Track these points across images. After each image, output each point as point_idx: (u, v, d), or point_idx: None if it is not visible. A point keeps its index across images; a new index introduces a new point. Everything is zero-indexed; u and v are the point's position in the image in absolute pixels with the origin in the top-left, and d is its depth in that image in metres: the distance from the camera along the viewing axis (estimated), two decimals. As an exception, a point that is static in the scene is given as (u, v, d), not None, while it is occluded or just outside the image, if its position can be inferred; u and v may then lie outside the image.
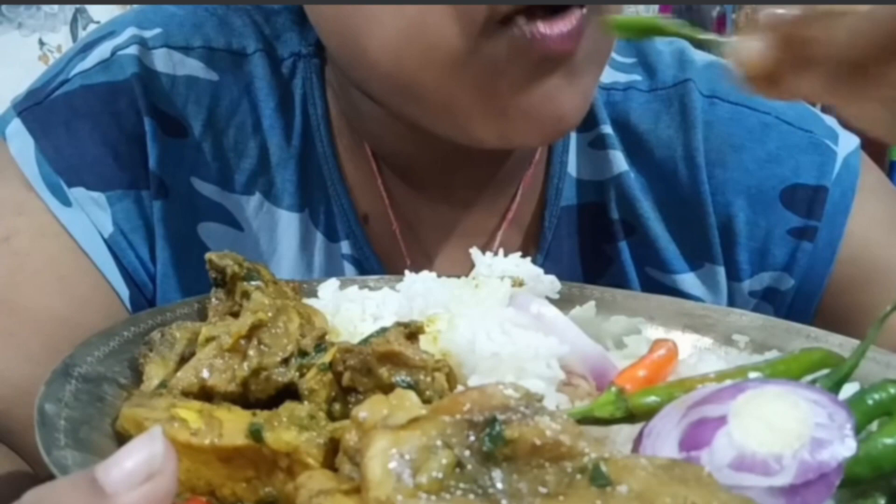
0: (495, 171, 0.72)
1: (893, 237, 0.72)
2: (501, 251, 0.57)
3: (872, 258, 0.72)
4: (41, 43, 2.65)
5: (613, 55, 0.77)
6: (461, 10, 0.53)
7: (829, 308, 0.73)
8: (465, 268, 0.72)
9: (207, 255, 0.50)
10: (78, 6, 2.62)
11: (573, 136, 0.74)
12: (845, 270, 0.72)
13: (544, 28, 0.53)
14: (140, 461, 0.28)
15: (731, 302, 0.74)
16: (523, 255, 0.56)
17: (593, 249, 0.75)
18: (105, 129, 0.66)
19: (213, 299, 0.50)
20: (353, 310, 0.50)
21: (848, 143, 0.73)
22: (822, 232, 0.71)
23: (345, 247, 0.71)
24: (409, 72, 0.57)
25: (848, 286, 0.72)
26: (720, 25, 3.88)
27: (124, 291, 0.66)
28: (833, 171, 0.71)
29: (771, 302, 0.74)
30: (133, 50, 0.66)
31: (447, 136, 0.61)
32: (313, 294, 0.53)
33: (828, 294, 0.73)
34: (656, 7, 4.04)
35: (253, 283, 0.47)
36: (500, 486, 0.29)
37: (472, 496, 0.28)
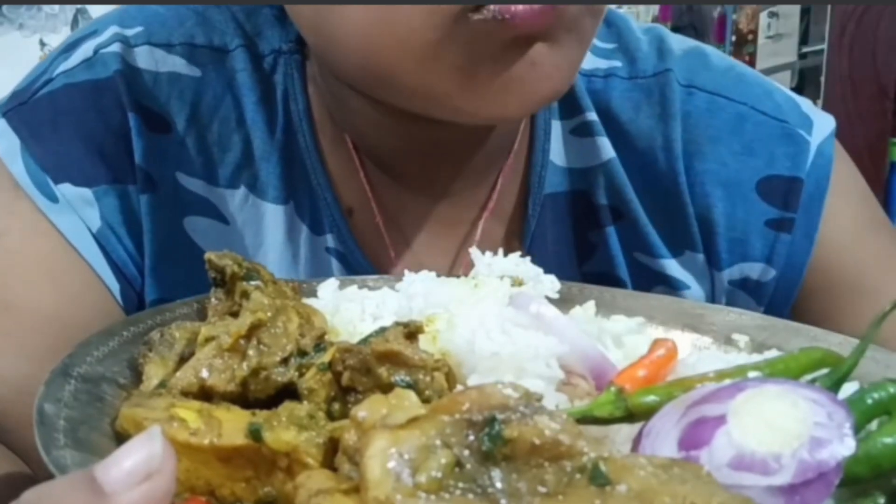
0: (475, 162, 0.72)
1: (860, 243, 0.74)
2: (501, 251, 0.57)
3: (841, 265, 0.73)
4: (42, 43, 2.65)
5: (595, 41, 0.78)
6: (430, 6, 0.54)
7: (801, 311, 0.74)
8: (448, 258, 0.72)
9: (207, 256, 0.50)
10: (79, 7, 2.63)
11: (555, 123, 0.75)
12: (815, 278, 0.73)
13: (514, 7, 0.53)
14: (139, 461, 0.28)
15: (712, 289, 0.75)
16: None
17: (578, 236, 0.75)
18: (90, 125, 0.66)
19: (213, 299, 0.50)
20: (353, 309, 0.50)
21: (822, 129, 0.74)
22: (798, 223, 0.72)
23: (329, 240, 0.72)
24: (384, 62, 0.58)
25: (817, 293, 0.73)
26: (720, 25, 3.88)
27: (115, 285, 0.66)
28: (807, 161, 0.72)
29: (751, 292, 0.75)
30: (115, 48, 0.67)
31: (428, 114, 0.61)
32: (313, 294, 0.54)
33: (801, 295, 0.74)
34: (656, 7, 4.05)
35: (252, 282, 0.47)
36: (499, 485, 0.29)
37: (471, 496, 0.28)
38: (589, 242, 0.75)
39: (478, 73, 0.56)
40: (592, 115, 0.74)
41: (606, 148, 0.73)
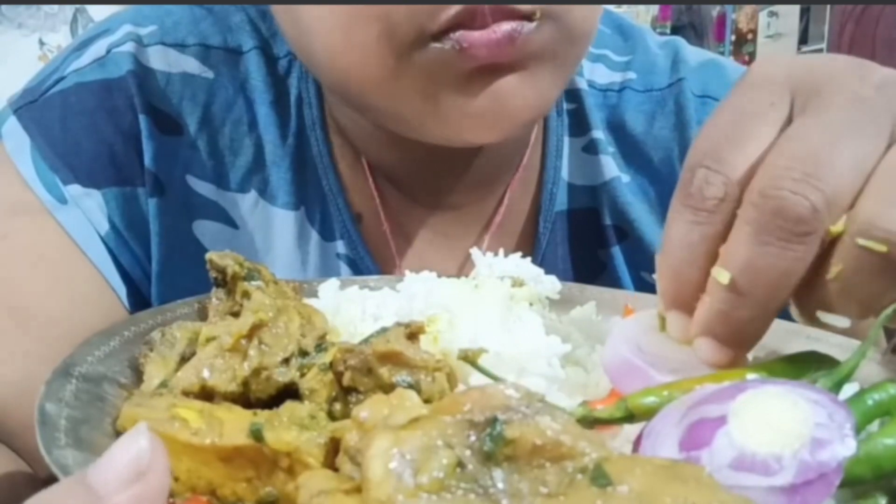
0: (480, 175, 0.72)
1: None
2: (502, 252, 0.57)
3: None
4: (41, 43, 2.65)
5: (608, 53, 0.77)
6: (387, 32, 0.54)
7: None
8: (453, 269, 0.72)
9: (208, 255, 0.50)
10: (78, 6, 2.63)
11: (566, 140, 0.74)
12: None
13: (472, 38, 0.53)
14: (128, 460, 0.27)
15: None
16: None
17: (587, 255, 0.75)
18: (100, 126, 0.66)
19: (214, 299, 0.50)
20: (354, 310, 0.50)
21: None
22: None
23: (340, 246, 0.72)
24: (352, 83, 0.58)
25: None
26: (720, 25, 3.88)
27: (121, 289, 0.66)
28: None
29: None
30: (128, 47, 0.66)
31: (408, 136, 0.62)
32: (313, 294, 0.54)
33: None
34: (656, 7, 4.05)
35: (253, 283, 0.47)
36: (500, 485, 0.29)
37: (472, 496, 0.28)
38: (597, 261, 0.75)
39: (439, 100, 0.56)
40: (599, 133, 0.74)
41: (610, 166, 0.73)
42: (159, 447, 0.28)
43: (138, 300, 0.68)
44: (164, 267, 0.68)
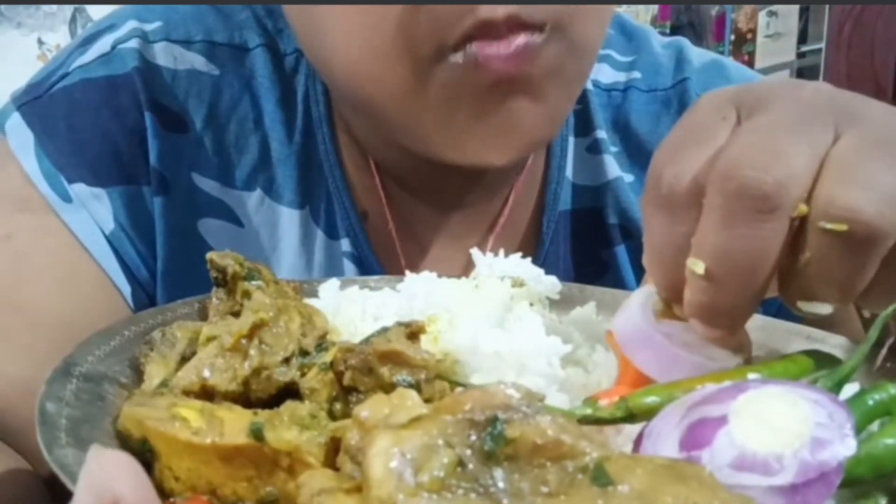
0: (486, 176, 0.72)
1: None
2: (502, 252, 0.57)
3: None
4: (40, 42, 2.65)
5: (612, 53, 0.77)
6: (408, 44, 0.54)
7: None
8: (458, 269, 0.72)
9: (209, 255, 0.50)
10: (77, 6, 2.63)
11: (571, 140, 0.75)
12: None
13: (488, 50, 0.53)
14: (94, 498, 0.26)
15: None
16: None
17: (590, 254, 0.75)
18: (105, 123, 0.65)
19: (214, 299, 0.50)
20: (354, 310, 0.50)
21: None
22: None
23: (345, 244, 0.71)
24: (367, 96, 0.58)
25: None
26: (719, 25, 3.89)
27: (126, 288, 0.66)
28: None
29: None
30: (134, 43, 0.66)
31: (417, 152, 0.62)
32: (314, 294, 0.54)
33: None
34: (656, 7, 4.05)
35: (254, 282, 0.48)
36: (501, 485, 0.29)
37: (473, 495, 0.28)
38: (601, 261, 0.75)
39: (455, 117, 0.56)
40: (602, 133, 0.74)
41: (613, 166, 0.73)
42: (121, 463, 0.27)
43: (143, 299, 0.68)
44: (169, 265, 0.68)
